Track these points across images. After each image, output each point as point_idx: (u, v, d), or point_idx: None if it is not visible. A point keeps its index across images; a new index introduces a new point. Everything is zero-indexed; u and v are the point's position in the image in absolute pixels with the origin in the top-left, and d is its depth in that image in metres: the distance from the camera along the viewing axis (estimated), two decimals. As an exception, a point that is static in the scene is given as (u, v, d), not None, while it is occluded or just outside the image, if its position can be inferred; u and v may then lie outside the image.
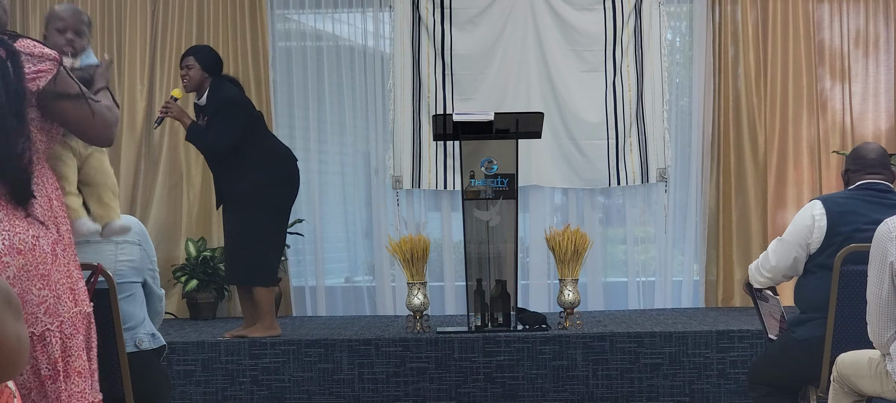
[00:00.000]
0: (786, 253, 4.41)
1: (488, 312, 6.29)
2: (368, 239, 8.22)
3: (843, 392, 3.95)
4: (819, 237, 4.31)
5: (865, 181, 4.40)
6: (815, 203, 4.38)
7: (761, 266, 4.53)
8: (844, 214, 4.29)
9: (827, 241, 4.28)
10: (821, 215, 4.31)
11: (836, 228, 4.27)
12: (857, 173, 4.43)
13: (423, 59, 7.88)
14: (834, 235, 4.27)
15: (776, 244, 4.47)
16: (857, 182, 4.42)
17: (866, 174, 4.41)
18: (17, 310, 1.89)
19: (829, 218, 4.29)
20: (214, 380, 6.08)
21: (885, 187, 4.40)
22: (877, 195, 4.36)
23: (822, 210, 4.32)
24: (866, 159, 4.43)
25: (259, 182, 6.19)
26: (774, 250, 4.47)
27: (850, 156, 4.52)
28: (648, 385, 6.05)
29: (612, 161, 7.84)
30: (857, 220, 4.27)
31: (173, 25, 8.00)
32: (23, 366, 1.97)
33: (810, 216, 4.34)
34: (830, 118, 7.93)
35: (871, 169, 4.41)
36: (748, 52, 7.85)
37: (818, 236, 4.31)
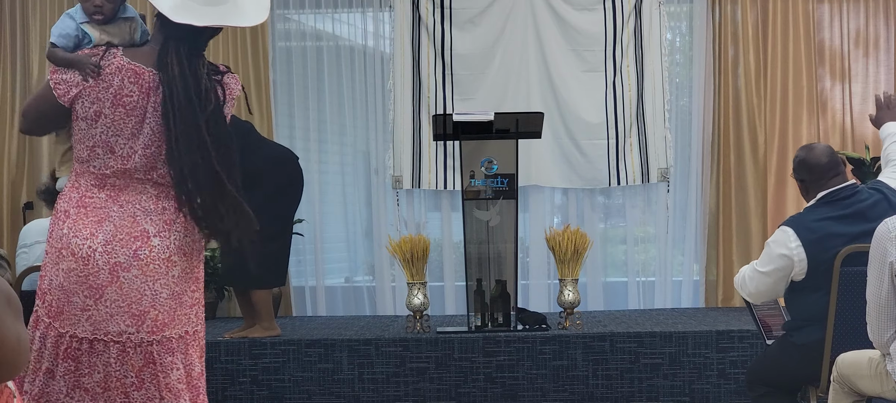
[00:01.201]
0: (765, 282, 4.34)
1: (488, 312, 6.29)
2: (368, 239, 8.22)
3: (843, 392, 3.95)
4: (801, 269, 4.24)
5: (828, 190, 4.31)
6: (788, 232, 4.27)
7: (740, 288, 4.49)
8: (821, 241, 4.21)
9: (812, 271, 4.23)
10: (797, 247, 4.23)
11: (818, 258, 4.20)
12: (815, 183, 4.34)
13: (423, 59, 7.88)
14: (817, 264, 4.20)
15: (754, 273, 4.38)
16: (818, 192, 4.33)
17: (826, 182, 4.33)
18: (17, 311, 1.90)
19: (807, 249, 4.21)
20: (214, 380, 6.08)
21: (850, 191, 4.31)
22: (846, 205, 4.28)
23: (797, 241, 4.23)
24: (820, 167, 4.33)
25: (259, 194, 6.18)
26: (752, 278, 4.39)
27: (800, 165, 4.39)
28: (648, 385, 6.05)
29: (613, 161, 7.84)
30: (837, 243, 4.20)
31: (173, 25, 7.98)
32: (23, 366, 1.97)
33: (786, 249, 4.25)
34: (830, 118, 7.93)
35: (827, 174, 4.33)
36: (748, 52, 7.85)
37: (800, 269, 4.24)
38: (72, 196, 3.37)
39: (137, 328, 3.30)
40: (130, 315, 3.29)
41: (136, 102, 3.32)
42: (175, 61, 3.32)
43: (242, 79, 7.87)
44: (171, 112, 3.29)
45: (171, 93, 3.30)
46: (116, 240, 3.30)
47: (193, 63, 3.35)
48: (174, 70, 3.31)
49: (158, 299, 3.32)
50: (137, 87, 3.32)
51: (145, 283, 3.31)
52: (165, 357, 3.33)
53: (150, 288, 3.32)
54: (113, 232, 3.30)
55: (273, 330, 6.29)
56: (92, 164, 3.36)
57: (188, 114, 3.29)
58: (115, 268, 3.28)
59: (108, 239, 3.30)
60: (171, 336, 3.35)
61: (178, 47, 3.34)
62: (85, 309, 3.30)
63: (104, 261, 3.28)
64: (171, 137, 3.29)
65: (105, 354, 3.31)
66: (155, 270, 3.32)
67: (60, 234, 3.33)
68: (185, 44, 3.35)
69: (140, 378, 3.32)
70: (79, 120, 3.35)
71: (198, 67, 3.35)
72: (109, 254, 3.29)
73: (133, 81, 3.33)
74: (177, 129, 3.28)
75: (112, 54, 3.38)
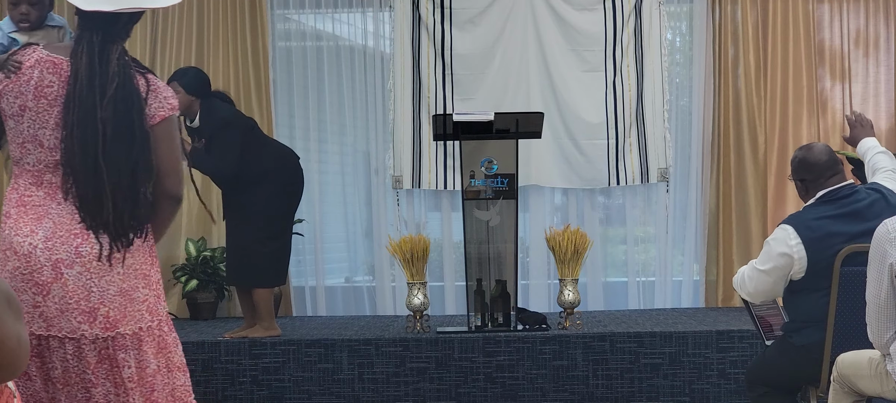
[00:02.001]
0: (764, 281, 4.34)
1: (488, 312, 6.29)
2: (368, 239, 8.22)
3: (843, 392, 3.95)
4: (801, 268, 4.24)
5: (827, 189, 4.31)
6: (788, 230, 4.27)
7: (740, 286, 4.49)
8: (821, 240, 4.21)
9: (811, 270, 4.23)
10: (797, 245, 4.22)
11: (817, 256, 4.20)
12: (815, 181, 4.34)
13: (423, 59, 7.88)
14: (816, 262, 4.20)
15: (753, 272, 4.38)
16: (817, 191, 4.33)
17: (825, 180, 4.33)
18: (17, 311, 1.89)
19: (807, 247, 4.21)
20: (214, 380, 6.09)
21: (848, 190, 4.32)
22: (845, 204, 4.28)
23: (797, 239, 4.23)
24: (819, 165, 4.33)
25: (261, 193, 6.21)
26: (752, 278, 4.39)
27: (800, 165, 4.40)
28: (648, 385, 6.04)
29: (612, 161, 7.84)
30: (836, 241, 4.19)
31: (173, 26, 7.99)
32: (23, 367, 1.97)
33: (786, 247, 4.25)
34: (830, 118, 7.93)
35: (827, 173, 4.34)
36: (748, 52, 7.85)
37: (800, 267, 4.24)
38: (11, 197, 3.39)
39: (90, 325, 3.29)
40: (81, 312, 3.29)
41: (57, 92, 3.32)
42: (85, 50, 3.32)
43: (242, 79, 7.92)
44: (73, 100, 3.29)
45: (75, 81, 3.30)
46: (57, 237, 3.29)
47: (106, 51, 3.33)
48: (83, 59, 3.31)
49: (107, 296, 3.31)
50: (57, 77, 3.33)
51: (91, 280, 3.30)
52: (118, 354, 3.32)
53: (97, 284, 3.30)
54: (53, 228, 3.30)
55: (273, 330, 6.29)
56: (25, 162, 3.37)
57: (88, 101, 3.28)
58: (58, 265, 3.28)
59: (49, 236, 3.29)
60: (124, 333, 3.33)
61: (92, 37, 3.34)
62: (36, 305, 3.30)
63: (46, 258, 3.28)
64: (67, 125, 3.28)
65: (61, 350, 3.32)
66: (98, 267, 3.31)
67: (3, 236, 3.35)
68: (99, 33, 3.34)
69: (96, 374, 3.32)
70: (7, 119, 3.37)
71: (110, 55, 3.33)
72: (50, 251, 3.29)
73: (52, 72, 3.33)
74: (74, 117, 3.28)
75: (32, 50, 3.40)
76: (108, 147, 3.28)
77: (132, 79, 3.35)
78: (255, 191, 6.22)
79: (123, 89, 3.31)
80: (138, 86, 3.36)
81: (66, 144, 3.29)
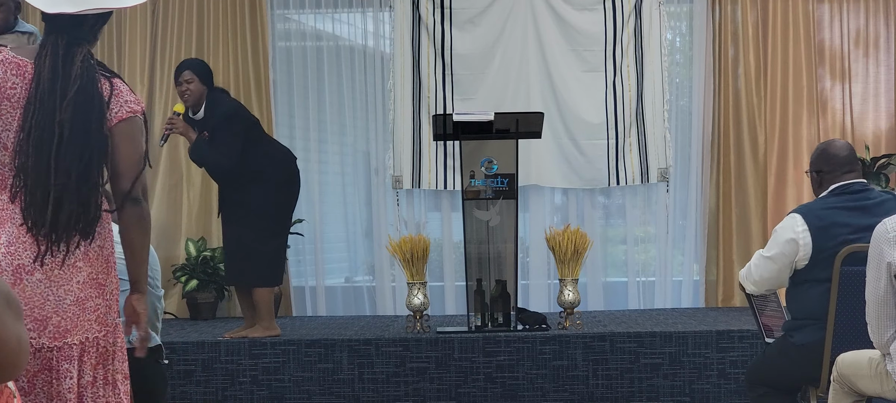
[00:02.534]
0: (769, 268, 4.34)
1: (488, 312, 6.29)
2: (368, 239, 8.22)
3: (843, 392, 3.95)
4: (805, 255, 4.25)
5: (841, 183, 4.33)
6: (796, 218, 4.29)
7: (746, 277, 4.49)
8: (827, 228, 4.22)
9: (814, 258, 4.23)
10: (804, 231, 4.23)
11: (822, 244, 4.20)
12: (831, 174, 4.34)
13: (423, 59, 7.88)
14: (821, 250, 4.21)
15: (759, 259, 4.39)
16: (831, 184, 4.34)
17: (841, 175, 4.34)
18: (17, 311, 1.89)
19: (813, 234, 4.22)
20: (214, 380, 6.08)
21: (861, 186, 4.33)
22: (855, 198, 4.29)
23: (804, 226, 4.24)
24: (838, 158, 4.34)
25: (259, 191, 6.21)
26: (758, 266, 4.39)
27: (821, 158, 4.41)
28: (648, 385, 6.04)
29: (612, 161, 7.84)
30: (842, 232, 4.20)
31: (173, 26, 7.99)
32: (23, 367, 1.97)
33: (793, 232, 4.25)
34: (830, 118, 7.93)
35: (844, 168, 4.35)
36: (748, 52, 7.85)
37: (804, 254, 4.25)
38: None
39: (39, 333, 3.24)
40: (33, 319, 3.22)
41: (20, 95, 3.26)
42: (49, 53, 3.26)
43: (242, 79, 7.92)
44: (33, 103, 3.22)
45: (38, 83, 3.24)
46: (19, 242, 3.24)
47: (70, 54, 3.27)
48: (47, 61, 3.25)
49: (61, 305, 3.23)
50: (20, 79, 3.27)
51: (49, 288, 3.22)
52: (62, 364, 3.26)
53: (54, 293, 3.23)
54: (16, 234, 3.25)
55: (273, 330, 6.29)
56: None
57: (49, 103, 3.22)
58: (19, 271, 3.21)
59: (11, 241, 3.23)
60: (71, 343, 3.25)
61: (57, 39, 3.28)
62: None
63: (7, 263, 3.22)
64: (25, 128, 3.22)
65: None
66: (59, 275, 3.23)
67: None
68: (64, 36, 3.28)
69: (31, 383, 3.24)
70: None
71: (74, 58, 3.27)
72: (13, 256, 3.23)
73: (15, 73, 3.28)
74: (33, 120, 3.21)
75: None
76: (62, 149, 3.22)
77: (95, 81, 3.28)
78: (253, 189, 6.20)
79: (84, 92, 3.25)
80: (101, 90, 3.29)
81: (22, 146, 3.22)
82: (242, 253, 6.27)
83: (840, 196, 4.31)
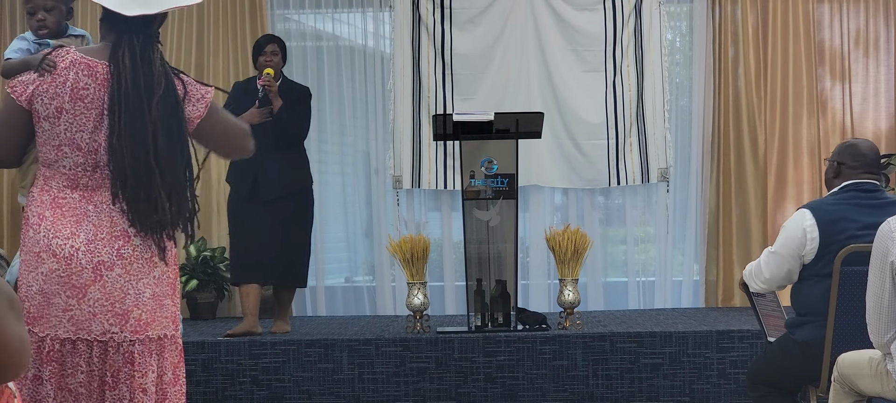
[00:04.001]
0: (779, 265, 4.36)
1: (488, 312, 6.29)
2: (368, 239, 8.22)
3: (843, 391, 3.95)
4: (812, 248, 4.26)
5: (854, 181, 4.34)
6: (805, 213, 4.30)
7: (755, 275, 4.49)
8: (836, 223, 4.24)
9: (821, 252, 4.24)
10: (812, 226, 4.25)
11: (830, 238, 4.22)
12: (851, 170, 4.36)
13: (423, 59, 7.88)
14: (828, 245, 4.22)
15: (768, 256, 4.40)
16: (848, 179, 4.36)
17: (864, 172, 4.35)
18: (19, 312, 1.90)
19: (820, 228, 4.23)
20: (214, 380, 6.09)
21: (872, 186, 4.34)
22: (865, 196, 4.30)
23: (812, 221, 4.26)
24: (864, 157, 4.36)
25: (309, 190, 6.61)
26: (767, 262, 4.40)
27: (848, 151, 4.42)
28: (648, 385, 6.05)
29: (613, 161, 7.84)
30: (850, 227, 4.22)
31: (173, 25, 7.99)
32: (25, 367, 1.97)
33: (801, 228, 4.27)
34: (830, 118, 7.93)
35: (869, 168, 4.37)
36: (748, 52, 7.85)
37: (812, 248, 4.26)
38: (43, 198, 3.33)
39: (121, 327, 3.27)
40: (114, 314, 3.26)
41: (94, 95, 3.29)
42: (127, 53, 3.30)
43: (243, 79, 7.90)
44: (118, 103, 3.26)
45: (119, 84, 3.27)
46: (98, 239, 3.27)
47: (147, 53, 3.32)
48: (126, 61, 3.29)
49: (141, 298, 3.29)
50: (93, 80, 3.30)
51: (129, 282, 3.28)
52: (145, 358, 3.30)
53: (134, 287, 3.29)
54: (94, 231, 3.28)
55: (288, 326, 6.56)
56: (61, 164, 3.32)
57: (135, 103, 3.26)
58: (99, 267, 3.26)
59: (91, 239, 3.27)
60: (151, 337, 3.32)
61: (132, 39, 3.32)
62: (67, 309, 3.26)
63: (87, 260, 3.25)
64: (114, 130, 3.25)
65: (87, 353, 3.28)
66: (138, 269, 3.29)
67: (38, 238, 3.29)
68: (139, 36, 3.33)
69: (116, 378, 3.29)
70: (41, 120, 3.31)
71: (151, 56, 3.32)
72: (93, 253, 3.26)
73: (87, 74, 3.30)
74: (122, 122, 3.25)
75: (66, 51, 3.36)
76: (159, 149, 3.27)
77: (173, 82, 3.35)
78: (308, 173, 6.59)
79: (169, 92, 3.32)
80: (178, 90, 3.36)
81: (114, 148, 3.25)
82: (297, 251, 6.51)
83: (851, 192, 4.33)
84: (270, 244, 6.36)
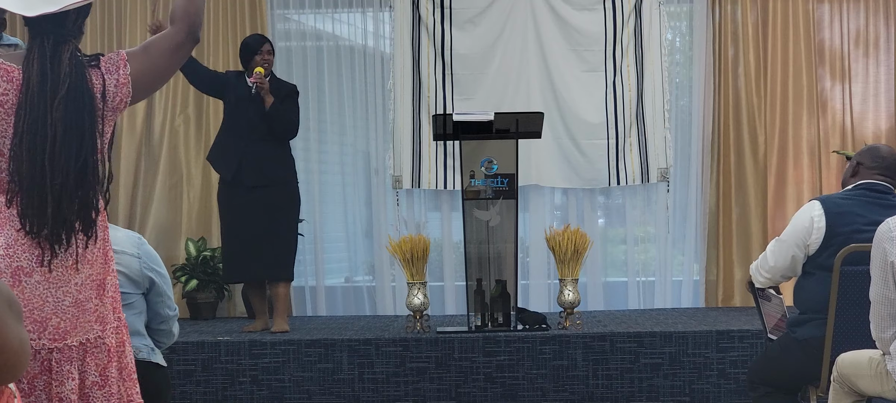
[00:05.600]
0: (784, 252, 4.40)
1: (488, 312, 6.29)
2: (368, 239, 8.22)
3: (843, 391, 3.95)
4: (818, 238, 4.30)
5: (867, 181, 4.39)
6: (814, 204, 4.37)
7: (761, 266, 4.53)
8: (843, 215, 4.29)
9: (826, 242, 4.28)
10: (820, 216, 4.30)
11: (836, 229, 4.26)
12: (868, 170, 4.41)
13: (423, 59, 7.88)
14: (833, 236, 4.26)
15: (774, 244, 4.47)
16: (862, 179, 4.40)
17: (879, 174, 4.39)
18: (18, 313, 1.89)
19: (828, 219, 4.29)
20: (214, 380, 6.09)
21: (884, 188, 4.39)
22: (875, 196, 4.35)
23: (821, 211, 4.31)
24: (886, 160, 4.42)
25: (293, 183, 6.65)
26: (773, 250, 4.46)
27: (868, 153, 4.49)
28: (648, 385, 6.05)
29: (613, 161, 7.84)
30: (857, 221, 4.26)
31: (173, 25, 7.98)
32: (24, 368, 1.97)
33: (809, 217, 4.33)
34: (830, 118, 7.93)
35: (886, 171, 4.41)
36: (748, 52, 7.85)
37: (817, 237, 4.31)
38: None
39: (39, 335, 3.23)
40: (32, 321, 3.21)
41: (12, 101, 3.26)
42: (36, 55, 3.25)
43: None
44: (24, 107, 3.22)
45: (27, 87, 3.23)
46: (18, 245, 3.24)
47: (57, 53, 3.26)
48: (35, 65, 3.24)
49: (61, 306, 3.23)
50: (11, 85, 3.27)
51: (48, 290, 3.22)
52: (63, 366, 3.25)
53: (53, 295, 3.22)
54: (14, 237, 3.24)
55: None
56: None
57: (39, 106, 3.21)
58: (18, 273, 3.20)
59: (10, 244, 3.23)
60: (71, 345, 3.25)
61: (43, 41, 3.27)
62: None
63: (6, 265, 3.21)
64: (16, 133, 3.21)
65: None
66: (58, 277, 3.23)
67: None
68: (49, 37, 3.27)
69: (32, 385, 3.23)
70: None
71: (61, 57, 3.26)
72: (11, 258, 3.22)
73: (5, 80, 3.28)
74: (25, 124, 3.21)
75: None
76: (56, 149, 3.22)
77: (85, 78, 3.28)
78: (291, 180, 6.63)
79: (75, 90, 3.25)
80: (92, 86, 3.28)
81: (15, 151, 3.21)
82: (283, 244, 6.54)
83: (861, 190, 4.38)
84: (257, 236, 6.45)
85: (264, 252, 6.46)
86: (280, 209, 6.51)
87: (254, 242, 6.47)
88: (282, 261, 6.55)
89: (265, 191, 6.46)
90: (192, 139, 7.98)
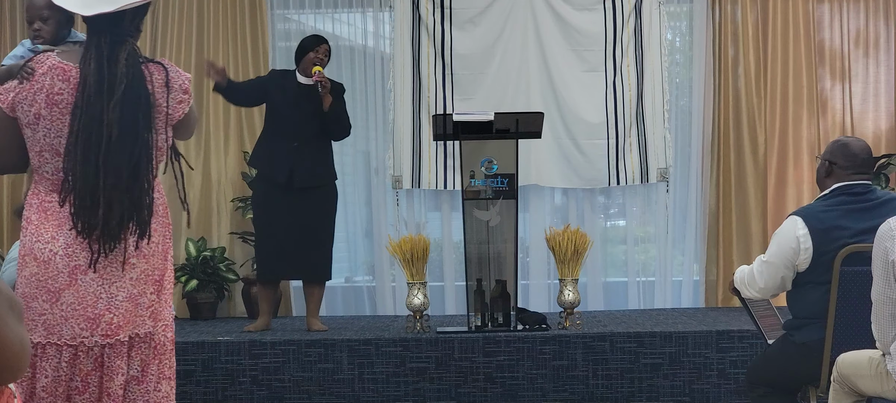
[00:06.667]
0: (772, 274, 4.33)
1: (488, 312, 6.29)
2: (368, 239, 8.22)
3: (843, 392, 3.95)
4: (806, 258, 4.23)
5: (845, 183, 4.30)
6: (797, 221, 4.26)
7: (748, 284, 4.44)
8: (829, 231, 4.20)
9: (815, 262, 4.22)
10: (805, 236, 4.21)
11: (823, 248, 4.19)
12: (842, 170, 4.32)
13: (423, 59, 7.88)
14: (822, 255, 4.19)
15: (761, 266, 4.36)
16: (838, 181, 4.31)
17: (855, 173, 4.31)
18: (19, 314, 1.90)
19: (813, 238, 4.20)
20: (214, 380, 6.09)
21: (863, 188, 4.30)
22: (856, 200, 4.27)
23: (805, 230, 4.22)
24: (856, 158, 4.32)
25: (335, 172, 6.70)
26: (761, 272, 4.36)
27: (839, 150, 4.36)
28: (648, 385, 6.05)
29: (612, 161, 7.84)
30: (843, 235, 4.18)
31: (173, 25, 7.99)
32: (25, 369, 1.97)
33: (794, 238, 4.23)
34: (830, 118, 7.93)
35: (860, 168, 4.32)
36: (748, 52, 7.85)
37: (805, 258, 4.23)
38: (32, 202, 3.37)
39: (92, 331, 3.26)
40: (85, 318, 3.25)
41: (68, 100, 3.29)
42: (93, 54, 3.30)
43: (243, 79, 7.90)
44: (80, 106, 3.26)
45: (84, 87, 3.28)
46: (77, 243, 3.27)
47: (114, 53, 3.30)
48: (91, 64, 3.29)
49: (114, 302, 3.28)
50: (67, 85, 3.29)
51: (102, 287, 3.27)
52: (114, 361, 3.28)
53: (107, 291, 3.28)
54: (73, 235, 3.28)
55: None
56: (44, 170, 3.35)
57: (96, 106, 3.26)
58: (75, 271, 3.26)
59: (69, 242, 3.27)
60: (122, 340, 3.30)
61: (100, 40, 3.31)
62: (41, 313, 3.27)
63: (64, 264, 3.25)
64: (73, 132, 3.26)
65: (56, 358, 3.28)
66: (112, 273, 3.28)
67: (25, 242, 3.33)
68: (106, 36, 3.32)
69: (85, 381, 3.29)
70: (25, 127, 3.34)
71: (118, 56, 3.31)
72: (70, 257, 3.26)
73: (62, 79, 3.30)
74: (80, 124, 3.26)
75: (46, 56, 3.37)
76: (111, 150, 3.26)
77: (142, 78, 3.32)
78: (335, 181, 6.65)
79: (131, 90, 3.29)
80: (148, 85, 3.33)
81: (70, 150, 3.26)
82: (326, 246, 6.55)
83: (841, 196, 4.29)
84: (298, 237, 6.42)
85: (310, 251, 6.45)
86: (327, 210, 6.55)
87: (300, 241, 6.43)
88: (326, 261, 6.59)
89: (315, 192, 6.48)
90: (193, 139, 7.97)
